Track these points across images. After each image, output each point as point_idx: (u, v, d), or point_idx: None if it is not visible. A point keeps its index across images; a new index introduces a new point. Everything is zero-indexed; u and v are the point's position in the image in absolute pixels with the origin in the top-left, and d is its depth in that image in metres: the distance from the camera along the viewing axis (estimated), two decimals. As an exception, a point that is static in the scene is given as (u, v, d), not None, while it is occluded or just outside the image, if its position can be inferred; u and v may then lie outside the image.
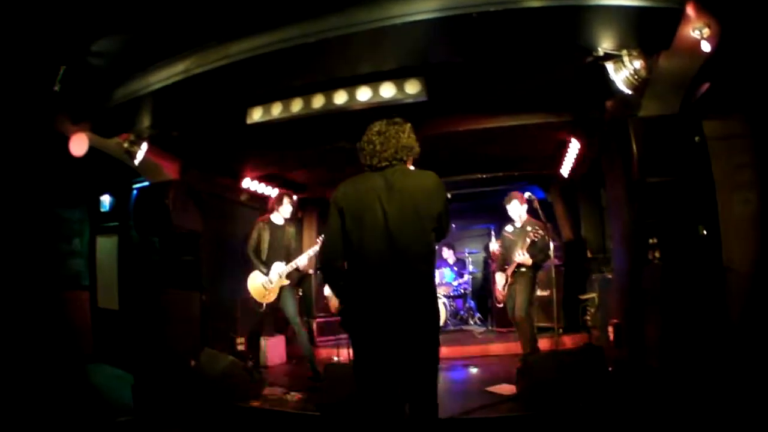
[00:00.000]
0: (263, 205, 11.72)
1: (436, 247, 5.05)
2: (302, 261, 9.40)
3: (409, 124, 4.87)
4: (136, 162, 8.84)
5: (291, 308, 9.50)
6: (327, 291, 8.90)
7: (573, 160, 10.86)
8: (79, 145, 8.25)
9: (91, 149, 8.43)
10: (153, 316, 9.67)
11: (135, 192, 10.88)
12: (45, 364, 9.35)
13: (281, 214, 9.79)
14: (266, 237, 9.67)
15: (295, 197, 10.53)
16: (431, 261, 4.61)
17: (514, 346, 9.79)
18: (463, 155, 10.98)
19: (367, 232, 4.34)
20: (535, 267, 9.28)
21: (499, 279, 9.54)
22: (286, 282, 9.40)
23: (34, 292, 10.01)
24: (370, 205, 4.39)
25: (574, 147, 10.36)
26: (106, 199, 11.52)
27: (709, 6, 5.49)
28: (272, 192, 12.25)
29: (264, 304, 9.40)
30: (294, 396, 8.06)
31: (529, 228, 9.26)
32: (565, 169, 11.44)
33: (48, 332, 10.02)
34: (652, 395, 6.74)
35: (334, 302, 8.64)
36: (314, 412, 7.14)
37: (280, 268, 9.38)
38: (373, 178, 4.57)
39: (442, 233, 4.64)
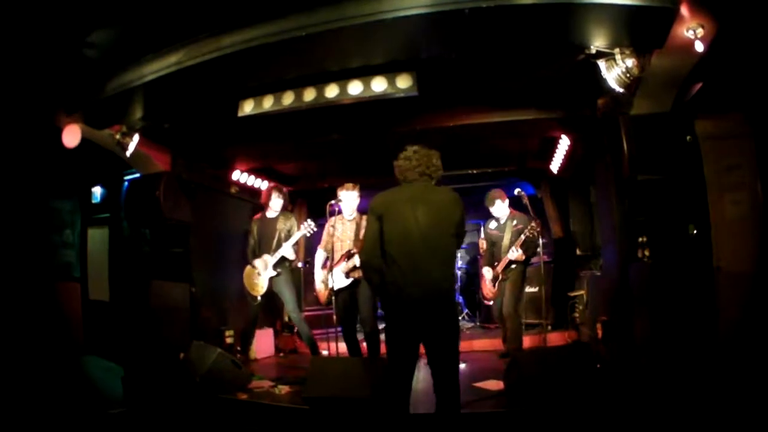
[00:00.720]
0: (253, 197, 11.71)
1: None
2: (287, 250, 9.40)
3: (438, 153, 5.72)
4: (128, 153, 8.82)
5: (289, 298, 9.59)
6: (317, 284, 8.89)
7: (563, 157, 10.86)
8: (71, 136, 8.22)
9: (83, 140, 8.39)
10: (143, 307, 9.63)
11: (126, 184, 10.84)
12: (39, 356, 9.32)
13: (272, 208, 9.82)
14: (256, 231, 9.72)
15: (285, 190, 10.52)
16: (453, 258, 5.85)
17: (501, 343, 9.78)
18: (454, 150, 10.91)
19: (405, 233, 5.27)
20: (525, 263, 9.30)
21: (488, 275, 9.53)
22: (274, 273, 9.40)
23: (29, 283, 9.97)
24: (407, 211, 5.33)
25: (564, 144, 10.36)
26: (97, 191, 11.46)
27: (703, 6, 5.47)
28: (262, 185, 12.25)
29: (258, 297, 9.41)
30: (282, 389, 8.04)
31: (515, 222, 9.28)
32: (555, 166, 11.44)
33: (42, 323, 10.00)
34: (640, 392, 6.75)
35: (323, 294, 8.64)
36: (302, 405, 7.13)
37: (267, 259, 9.41)
38: (406, 190, 5.55)
39: (461, 238, 5.64)
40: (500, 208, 9.46)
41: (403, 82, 7.32)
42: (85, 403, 8.08)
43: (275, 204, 9.85)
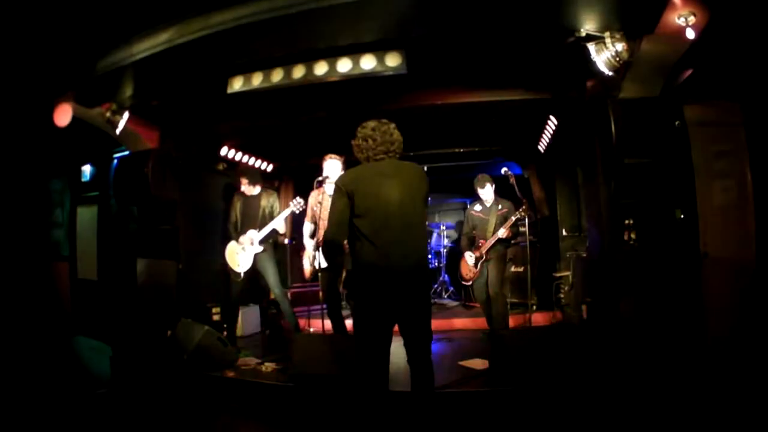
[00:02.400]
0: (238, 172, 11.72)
1: None
2: (278, 224, 9.40)
3: (394, 124, 5.58)
4: (117, 131, 8.80)
5: (272, 275, 9.55)
6: (308, 258, 8.89)
7: (550, 138, 10.87)
8: (63, 115, 8.21)
9: (73, 119, 8.37)
10: (130, 286, 9.63)
11: (115, 162, 10.81)
12: (33, 336, 9.33)
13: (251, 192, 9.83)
14: (240, 208, 9.70)
15: (256, 171, 10.54)
16: (426, 231, 5.84)
17: (485, 322, 9.81)
18: (441, 129, 10.95)
19: (380, 209, 5.17)
20: (507, 243, 9.32)
21: (469, 258, 9.53)
22: (260, 249, 9.40)
23: (25, 262, 9.99)
24: (380, 187, 5.23)
25: (552, 125, 10.37)
26: (86, 169, 11.41)
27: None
28: (249, 161, 12.24)
29: (242, 273, 9.40)
30: (268, 367, 8.09)
31: (500, 206, 9.30)
32: (542, 147, 11.46)
33: (37, 303, 10.01)
34: (624, 374, 6.80)
35: (307, 269, 8.65)
36: (288, 382, 7.16)
37: (253, 235, 9.39)
38: (375, 167, 5.42)
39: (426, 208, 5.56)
40: (489, 192, 9.45)
41: (393, 60, 7.30)
42: (73, 383, 8.08)
43: (249, 190, 9.84)
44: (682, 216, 7.38)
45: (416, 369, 5.25)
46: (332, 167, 8.52)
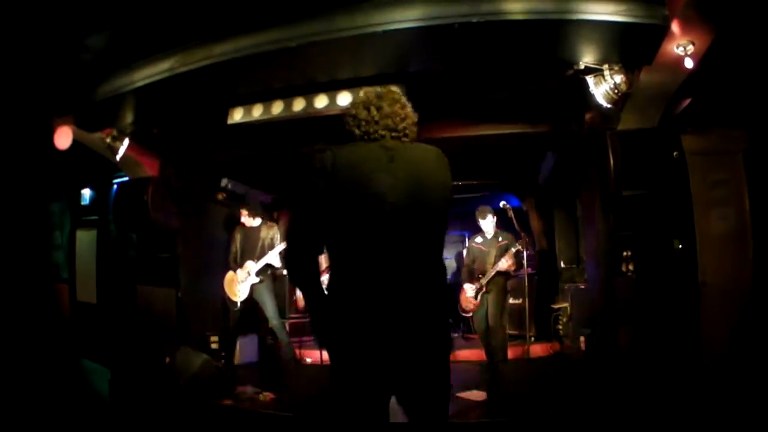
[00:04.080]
0: (239, 205, 11.75)
1: None
2: (273, 257, 9.43)
3: (405, 96, 4.05)
4: (118, 157, 8.82)
5: (270, 306, 9.58)
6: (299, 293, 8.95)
7: (549, 171, 10.92)
8: (63, 138, 8.25)
9: (74, 143, 8.42)
10: (130, 311, 9.65)
11: (115, 187, 10.85)
12: (39, 357, 9.38)
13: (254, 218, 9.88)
14: (240, 239, 9.76)
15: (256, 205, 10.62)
16: (442, 249, 3.69)
17: (483, 354, 9.80)
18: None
19: (372, 214, 3.37)
20: (507, 275, 9.33)
21: (469, 289, 9.54)
22: (256, 280, 9.43)
23: (29, 284, 10.03)
24: (370, 180, 3.40)
25: (550, 158, 10.42)
26: (86, 193, 11.47)
27: (696, 21, 5.51)
28: (248, 192, 12.29)
29: (239, 303, 9.43)
30: (266, 396, 8.09)
31: (501, 238, 9.34)
32: (541, 179, 11.51)
33: (40, 325, 10.05)
34: (622, 406, 6.80)
35: (301, 301, 8.65)
36: (286, 412, 7.17)
37: (250, 266, 9.42)
38: (369, 150, 3.61)
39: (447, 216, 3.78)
40: (490, 223, 9.49)
41: (392, 94, 7.33)
42: (72, 404, 8.10)
43: (249, 222, 9.91)
44: (680, 246, 7.40)
45: None
46: None
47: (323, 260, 3.62)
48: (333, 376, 3.42)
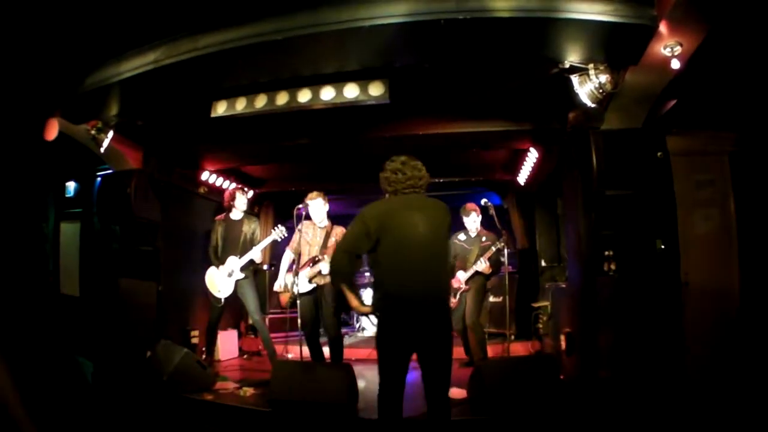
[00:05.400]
0: (221, 199, 11.70)
1: None
2: (255, 254, 9.41)
3: (420, 162, 5.66)
4: (102, 149, 8.76)
5: (252, 302, 9.57)
6: (277, 287, 8.90)
7: (531, 169, 10.92)
8: (50, 129, 8.19)
9: (60, 134, 8.35)
10: (112, 304, 9.59)
11: (99, 180, 10.78)
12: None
13: (238, 209, 9.80)
14: (221, 233, 9.71)
15: (249, 192, 10.53)
16: (448, 261, 5.92)
17: (463, 352, 9.81)
18: (422, 159, 10.99)
19: (406, 242, 5.21)
20: (487, 276, 9.35)
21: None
22: (241, 276, 9.39)
23: (24, 278, 9.97)
24: (406, 220, 5.28)
25: (532, 156, 10.42)
26: (70, 185, 11.39)
27: (685, 22, 5.50)
28: (230, 186, 12.22)
29: (222, 299, 9.39)
30: (246, 391, 8.09)
31: (484, 238, 9.34)
32: (523, 177, 11.50)
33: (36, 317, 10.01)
34: (602, 404, 6.81)
35: (284, 297, 8.65)
36: (265, 407, 7.17)
37: (233, 262, 9.40)
38: (401, 200, 5.49)
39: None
40: (474, 221, 9.50)
41: (376, 89, 7.33)
42: (55, 397, 8.05)
43: (240, 203, 9.84)
44: (662, 246, 7.40)
45: (433, 403, 5.21)
46: (314, 206, 8.59)
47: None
48: (377, 340, 5.32)
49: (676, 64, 5.85)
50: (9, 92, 7.53)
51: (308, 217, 8.82)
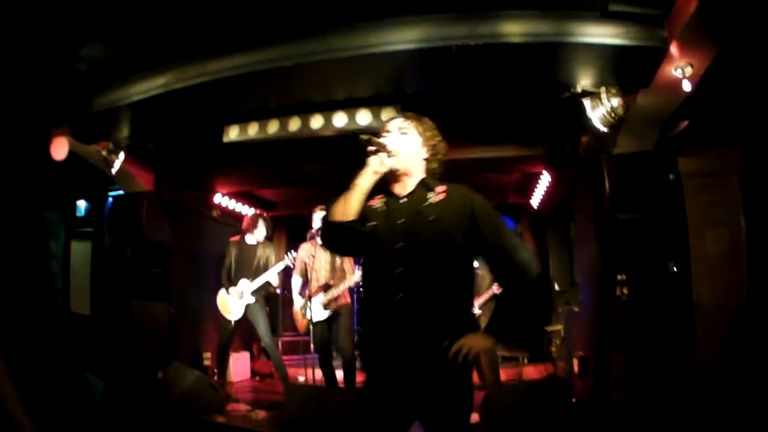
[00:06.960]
0: (234, 221, 11.70)
1: None
2: (271, 276, 9.41)
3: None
4: (113, 171, 8.77)
5: (262, 326, 9.54)
6: (296, 308, 8.88)
7: (543, 192, 10.92)
8: (60, 148, 8.21)
9: (70, 153, 8.38)
10: (123, 325, 9.60)
11: (110, 200, 10.82)
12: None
13: (255, 236, 9.80)
14: (235, 254, 9.71)
15: (267, 216, 10.54)
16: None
17: (476, 375, 9.78)
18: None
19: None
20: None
21: None
22: (252, 300, 9.39)
23: (33, 292, 9.98)
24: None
25: (545, 179, 10.41)
26: (81, 204, 11.43)
27: (695, 42, 5.49)
28: (243, 209, 12.25)
29: (233, 321, 9.39)
30: (258, 413, 8.09)
31: None
32: (536, 201, 11.50)
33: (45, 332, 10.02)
34: (614, 426, 6.78)
35: (301, 322, 8.60)
36: (278, 430, 7.16)
37: (245, 285, 9.39)
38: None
39: None
40: None
41: (388, 115, 7.27)
42: (63, 413, 8.04)
43: (260, 233, 9.84)
44: (675, 269, 7.38)
45: None
46: (319, 220, 8.54)
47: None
48: (361, 396, 3.62)
49: (687, 86, 5.82)
50: (19, 110, 7.58)
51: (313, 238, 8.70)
